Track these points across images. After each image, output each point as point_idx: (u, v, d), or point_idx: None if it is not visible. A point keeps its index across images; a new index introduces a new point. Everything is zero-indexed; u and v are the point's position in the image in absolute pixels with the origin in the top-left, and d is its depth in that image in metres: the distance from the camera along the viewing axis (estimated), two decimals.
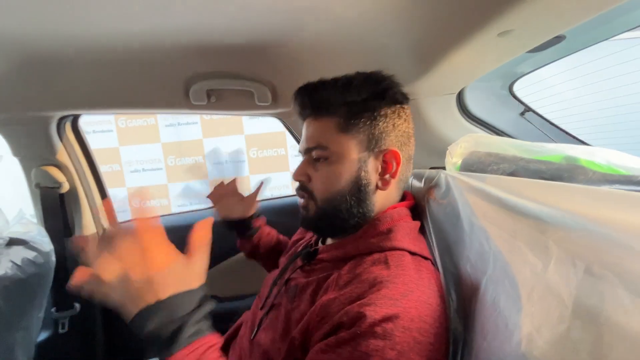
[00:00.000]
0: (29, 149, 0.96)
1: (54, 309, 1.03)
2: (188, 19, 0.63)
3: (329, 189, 0.55)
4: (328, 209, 0.56)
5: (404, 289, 0.43)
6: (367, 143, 0.55)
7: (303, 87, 0.59)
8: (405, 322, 0.40)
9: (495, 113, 0.87)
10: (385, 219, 0.54)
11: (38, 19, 0.60)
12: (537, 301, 0.30)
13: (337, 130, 0.55)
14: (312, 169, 0.57)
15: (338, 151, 0.54)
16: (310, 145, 0.57)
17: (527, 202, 0.37)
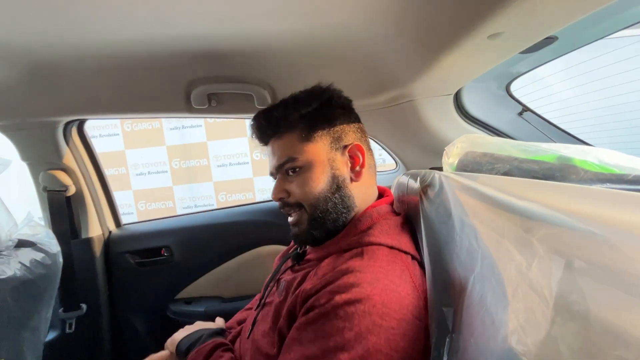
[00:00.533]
0: (36, 154, 0.99)
1: (61, 309, 1.06)
2: (188, 26, 0.64)
3: (311, 193, 0.57)
4: (317, 213, 0.57)
5: (371, 277, 0.46)
6: (331, 144, 0.59)
7: (256, 115, 0.63)
8: (366, 307, 0.43)
9: (493, 113, 0.88)
10: (366, 218, 0.57)
11: (44, 29, 0.62)
12: (521, 298, 0.31)
13: (301, 140, 0.58)
14: (288, 183, 0.59)
15: (307, 159, 0.57)
16: (280, 162, 0.59)
17: (515, 201, 0.37)
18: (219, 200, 3.19)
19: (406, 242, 0.56)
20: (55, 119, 0.93)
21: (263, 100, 0.88)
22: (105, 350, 1.13)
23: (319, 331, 0.44)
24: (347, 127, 0.61)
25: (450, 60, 0.61)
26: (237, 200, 3.18)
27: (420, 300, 0.47)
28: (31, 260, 0.84)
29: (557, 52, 0.67)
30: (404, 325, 0.43)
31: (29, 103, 0.85)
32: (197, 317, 1.10)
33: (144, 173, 3.14)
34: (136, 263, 1.14)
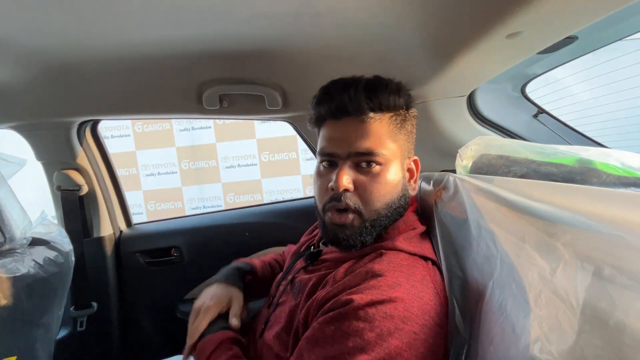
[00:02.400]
0: (51, 153, 1.01)
1: (73, 307, 1.07)
2: (200, 28, 0.65)
3: (381, 198, 0.52)
4: (374, 220, 0.52)
5: (392, 281, 0.45)
6: (405, 150, 0.56)
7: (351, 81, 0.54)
8: (388, 309, 0.42)
9: (507, 115, 0.86)
10: (393, 230, 0.55)
11: (60, 31, 0.63)
12: (545, 305, 0.30)
13: (389, 132, 0.52)
14: (358, 175, 0.52)
15: (389, 157, 0.52)
16: (360, 150, 0.51)
17: (535, 204, 0.36)
18: (227, 201, 3.21)
19: (428, 248, 0.55)
20: (70, 120, 0.94)
21: (274, 101, 0.88)
22: (114, 348, 1.14)
23: (338, 331, 0.42)
24: (413, 138, 0.58)
25: (466, 61, 0.60)
26: (246, 202, 3.20)
27: (442, 307, 0.46)
28: (44, 259, 0.85)
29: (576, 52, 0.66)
30: (426, 331, 0.42)
31: (44, 104, 0.87)
32: None
33: (154, 174, 3.18)
34: (146, 262, 1.15)
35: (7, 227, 0.78)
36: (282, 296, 0.60)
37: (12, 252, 0.79)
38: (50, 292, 0.87)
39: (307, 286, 0.54)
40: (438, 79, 0.72)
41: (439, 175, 0.66)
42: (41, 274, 0.83)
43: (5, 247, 0.78)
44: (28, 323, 0.81)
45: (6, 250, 0.78)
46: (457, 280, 0.50)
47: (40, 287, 0.83)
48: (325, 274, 0.54)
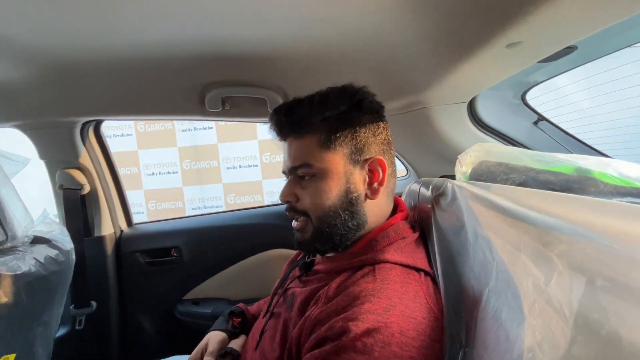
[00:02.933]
0: (54, 153, 1.02)
1: (72, 306, 1.07)
2: (204, 30, 0.66)
3: (320, 205, 0.54)
4: (323, 226, 0.54)
5: (386, 303, 0.44)
6: (351, 155, 0.55)
7: (278, 108, 0.59)
8: (385, 336, 0.41)
9: (508, 122, 0.86)
10: (383, 238, 0.54)
11: (65, 32, 0.64)
12: (538, 315, 0.30)
13: (320, 146, 0.54)
14: (299, 187, 0.56)
15: (323, 167, 0.54)
16: (294, 164, 0.56)
17: (532, 213, 0.37)
18: (227, 202, 3.21)
19: (421, 258, 0.54)
20: (74, 119, 0.95)
21: (276, 104, 0.88)
22: (113, 347, 1.14)
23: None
24: (372, 138, 0.56)
25: (467, 69, 0.61)
26: (246, 203, 3.20)
27: (437, 321, 0.46)
28: (45, 257, 0.86)
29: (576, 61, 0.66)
30: (423, 352, 0.42)
31: (48, 103, 0.88)
32: (205, 318, 1.11)
33: (156, 173, 3.19)
34: (146, 262, 1.16)
35: (9, 225, 0.79)
36: (277, 307, 0.61)
37: (14, 250, 0.80)
38: (50, 290, 0.88)
39: (298, 300, 0.54)
40: (439, 85, 0.73)
41: (438, 181, 0.66)
42: (42, 272, 0.84)
43: (7, 245, 0.78)
44: (28, 321, 0.82)
45: (8, 248, 0.79)
46: (453, 287, 0.50)
47: (41, 285, 0.83)
48: (317, 288, 0.53)
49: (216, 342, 0.67)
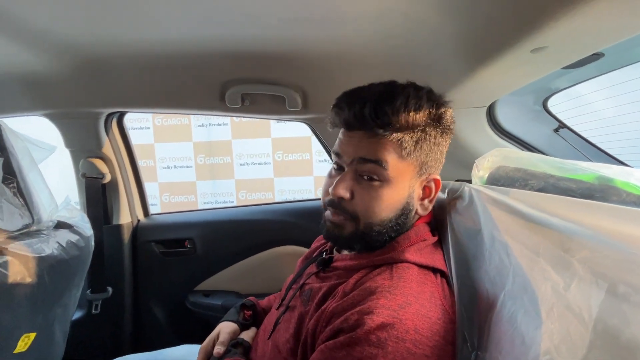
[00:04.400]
0: (79, 142, 1.05)
1: (89, 290, 1.11)
2: (228, 29, 0.67)
3: (377, 214, 0.51)
4: (370, 232, 0.52)
5: (402, 301, 0.44)
6: (419, 169, 0.53)
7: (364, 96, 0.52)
8: (399, 332, 0.42)
9: (527, 128, 0.85)
10: (405, 240, 0.54)
11: (96, 26, 0.67)
12: (556, 319, 0.30)
13: (398, 153, 0.50)
14: (357, 185, 0.52)
15: (394, 175, 0.50)
16: (367, 157, 0.50)
17: (551, 218, 0.37)
18: (239, 198, 3.25)
19: (439, 259, 0.54)
20: (99, 111, 0.98)
21: (294, 102, 0.90)
22: (126, 333, 1.17)
23: (349, 357, 0.42)
24: (439, 155, 0.54)
25: (488, 73, 0.61)
26: (257, 199, 3.24)
27: (451, 323, 0.46)
28: (67, 242, 0.89)
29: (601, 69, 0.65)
30: (437, 352, 0.42)
31: (77, 94, 0.91)
32: (215, 309, 1.13)
33: (170, 167, 3.25)
34: (161, 252, 1.19)
35: (36, 209, 0.82)
36: (292, 301, 0.61)
37: (39, 233, 0.83)
38: (70, 274, 0.91)
39: (318, 295, 0.54)
40: (458, 88, 0.72)
41: (454, 185, 0.66)
42: (64, 256, 0.87)
43: (33, 228, 0.82)
44: (49, 302, 0.85)
45: (33, 231, 0.82)
46: (467, 291, 0.50)
47: (62, 269, 0.86)
48: (336, 284, 0.54)
49: (227, 332, 0.68)
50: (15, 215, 0.77)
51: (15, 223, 0.76)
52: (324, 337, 0.47)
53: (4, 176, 0.76)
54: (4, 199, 0.75)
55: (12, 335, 0.77)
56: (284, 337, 0.56)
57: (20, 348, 0.80)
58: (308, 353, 0.50)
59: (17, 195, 0.77)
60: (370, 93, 0.52)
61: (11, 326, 0.76)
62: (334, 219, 0.54)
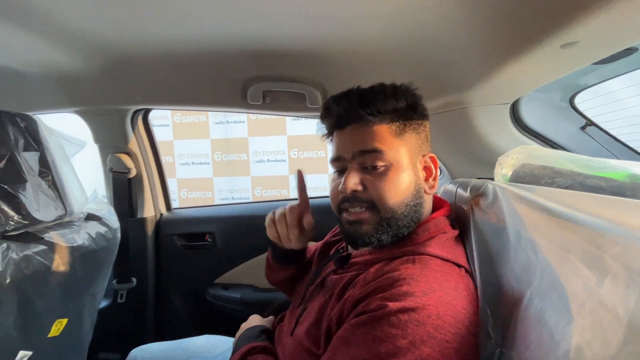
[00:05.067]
0: (107, 138, 1.10)
1: (115, 280, 1.16)
2: (250, 27, 0.69)
3: (394, 197, 0.53)
4: (393, 219, 0.53)
5: (425, 287, 0.45)
6: (417, 148, 0.56)
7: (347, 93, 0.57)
8: (421, 316, 0.42)
9: (553, 126, 0.83)
10: (423, 231, 0.55)
11: (126, 25, 0.69)
12: (588, 315, 0.30)
13: (392, 135, 0.54)
14: (365, 176, 0.54)
15: (395, 157, 0.53)
16: (365, 149, 0.53)
17: (583, 215, 0.36)
18: (254, 195, 3.30)
19: (461, 255, 0.54)
20: (127, 107, 1.02)
21: (315, 100, 0.91)
22: (148, 322, 1.22)
23: (369, 335, 0.43)
24: (426, 136, 0.59)
25: (515, 69, 0.60)
26: (272, 196, 3.28)
27: (475, 316, 0.46)
28: (96, 233, 0.93)
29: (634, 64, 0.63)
30: (459, 340, 0.42)
31: (107, 92, 0.95)
32: (234, 302, 1.15)
33: (189, 163, 3.33)
34: (182, 245, 1.22)
35: (68, 202, 0.86)
36: (313, 296, 0.62)
37: (71, 224, 0.88)
38: (99, 264, 0.95)
39: (338, 286, 0.55)
40: (482, 85, 0.72)
41: (477, 182, 0.66)
42: (93, 247, 0.91)
43: (66, 219, 0.86)
44: (79, 290, 0.89)
45: (66, 222, 0.86)
46: (491, 288, 0.50)
47: (92, 259, 0.91)
48: (355, 275, 0.54)
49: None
50: (50, 207, 0.81)
51: (50, 214, 0.80)
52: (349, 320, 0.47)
53: (40, 169, 0.80)
54: (40, 191, 0.79)
55: (47, 319, 0.81)
56: (305, 328, 0.57)
57: (53, 332, 0.84)
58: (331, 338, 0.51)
59: (51, 188, 0.81)
60: (352, 91, 0.57)
61: (46, 311, 0.80)
62: (352, 217, 0.55)
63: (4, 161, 0.71)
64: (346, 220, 0.56)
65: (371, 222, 0.54)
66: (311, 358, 0.54)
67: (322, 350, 0.52)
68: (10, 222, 0.71)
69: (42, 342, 0.81)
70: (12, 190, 0.72)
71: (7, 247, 0.69)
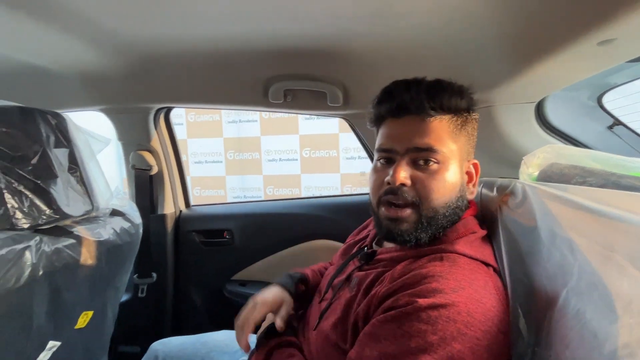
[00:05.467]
0: (130, 135, 1.12)
1: (136, 275, 1.18)
2: (273, 26, 0.69)
3: (441, 196, 0.52)
4: (433, 216, 0.53)
5: (455, 285, 0.44)
6: (465, 153, 0.56)
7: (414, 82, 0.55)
8: (451, 313, 0.42)
9: (579, 125, 0.82)
10: (452, 232, 0.54)
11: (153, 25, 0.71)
12: (637, 313, 0.30)
13: (448, 134, 0.53)
14: (416, 172, 0.53)
15: (448, 157, 0.53)
16: (421, 145, 0.52)
17: (625, 214, 0.36)
18: (266, 193, 3.32)
19: (489, 254, 0.54)
20: (150, 106, 1.04)
21: (336, 98, 0.91)
22: (167, 316, 1.24)
23: (399, 330, 0.43)
24: (474, 142, 0.58)
25: (545, 67, 0.59)
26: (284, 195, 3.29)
27: (505, 314, 0.46)
28: (121, 228, 0.95)
29: None
30: (489, 338, 0.42)
31: (132, 90, 0.97)
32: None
33: (202, 161, 3.38)
34: (201, 242, 1.24)
35: (95, 197, 0.88)
36: (338, 292, 0.61)
37: (97, 219, 0.90)
38: (122, 259, 0.98)
39: (365, 282, 0.55)
40: (509, 83, 0.71)
41: (503, 181, 0.65)
42: (117, 242, 0.93)
43: (92, 214, 0.88)
44: (104, 283, 0.92)
45: (93, 217, 0.89)
46: (521, 287, 0.50)
47: (116, 253, 0.93)
48: (382, 271, 0.54)
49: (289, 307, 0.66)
50: (79, 202, 0.83)
51: (79, 209, 0.82)
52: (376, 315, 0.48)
53: (69, 165, 0.82)
54: (70, 186, 0.81)
55: (74, 311, 0.84)
56: (331, 322, 0.57)
57: (80, 324, 0.86)
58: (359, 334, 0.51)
59: (79, 183, 0.84)
60: (421, 81, 0.55)
61: (74, 303, 0.82)
62: (392, 214, 0.54)
63: (37, 157, 0.74)
64: (385, 216, 0.55)
65: (411, 221, 0.53)
66: (338, 352, 0.54)
67: (349, 345, 0.52)
68: (43, 216, 0.73)
69: (69, 333, 0.83)
70: (45, 185, 0.74)
71: (40, 240, 0.72)
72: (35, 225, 0.72)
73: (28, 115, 0.74)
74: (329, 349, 0.56)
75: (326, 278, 0.73)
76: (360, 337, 0.48)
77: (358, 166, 3.05)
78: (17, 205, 0.70)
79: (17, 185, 0.70)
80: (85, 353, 0.90)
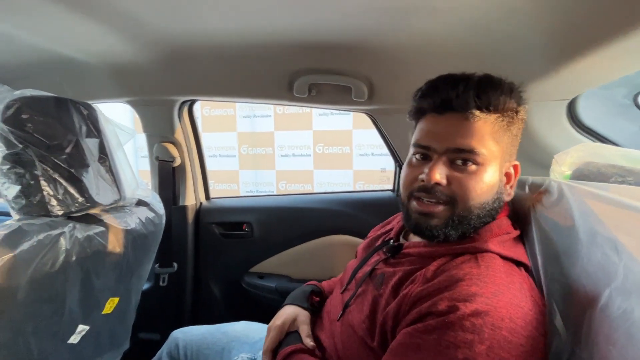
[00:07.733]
0: (155, 127, 1.14)
1: (157, 264, 1.21)
2: (299, 19, 0.69)
3: (478, 196, 0.51)
4: (467, 215, 0.51)
5: (494, 289, 0.44)
6: (507, 155, 0.54)
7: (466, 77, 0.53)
8: (495, 320, 0.41)
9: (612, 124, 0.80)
10: (486, 232, 0.53)
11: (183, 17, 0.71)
12: None
13: (492, 135, 0.51)
14: (453, 171, 0.51)
15: (489, 159, 0.51)
16: (462, 147, 0.50)
17: None
18: (279, 188, 3.34)
19: (522, 253, 0.53)
20: (175, 98, 1.06)
21: (361, 93, 0.91)
22: (187, 306, 1.27)
23: (443, 341, 0.42)
24: (517, 144, 0.56)
25: (583, 64, 0.57)
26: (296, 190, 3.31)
27: (542, 315, 0.45)
28: (146, 218, 0.98)
29: None
30: (531, 342, 0.42)
31: (158, 82, 0.99)
32: (269, 291, 1.18)
33: (216, 155, 3.41)
34: (220, 234, 1.26)
35: (122, 187, 0.90)
36: (362, 285, 0.61)
37: (124, 208, 0.92)
38: (147, 247, 1.00)
39: (392, 280, 0.54)
40: (542, 80, 0.69)
41: (536, 180, 0.64)
42: (143, 231, 0.95)
43: (120, 204, 0.90)
44: (129, 271, 0.94)
45: (120, 206, 0.91)
46: (558, 286, 0.49)
47: (142, 242, 0.95)
48: (412, 269, 0.53)
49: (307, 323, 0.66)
50: (108, 191, 0.85)
51: (108, 198, 0.84)
52: (409, 320, 0.47)
53: (99, 155, 0.84)
54: (100, 175, 0.83)
55: (102, 297, 0.86)
56: (358, 317, 0.57)
57: (106, 310, 0.89)
58: (388, 335, 0.51)
59: (109, 173, 0.86)
60: (470, 77, 0.53)
61: (102, 289, 0.85)
62: (423, 209, 0.53)
63: (71, 146, 0.76)
64: (416, 209, 0.54)
65: (442, 217, 0.52)
66: (364, 348, 0.54)
67: (376, 343, 0.52)
68: (75, 204, 0.75)
69: (97, 318, 0.86)
70: (77, 174, 0.76)
71: (73, 227, 0.74)
72: (68, 213, 0.75)
73: (62, 106, 0.76)
74: (355, 342, 0.56)
75: (349, 269, 0.73)
76: (397, 347, 0.46)
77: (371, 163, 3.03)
78: (52, 192, 0.72)
79: (52, 173, 0.72)
80: (110, 338, 0.93)
